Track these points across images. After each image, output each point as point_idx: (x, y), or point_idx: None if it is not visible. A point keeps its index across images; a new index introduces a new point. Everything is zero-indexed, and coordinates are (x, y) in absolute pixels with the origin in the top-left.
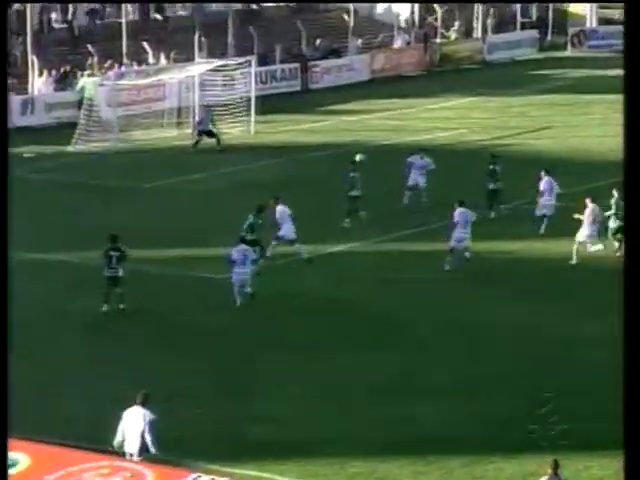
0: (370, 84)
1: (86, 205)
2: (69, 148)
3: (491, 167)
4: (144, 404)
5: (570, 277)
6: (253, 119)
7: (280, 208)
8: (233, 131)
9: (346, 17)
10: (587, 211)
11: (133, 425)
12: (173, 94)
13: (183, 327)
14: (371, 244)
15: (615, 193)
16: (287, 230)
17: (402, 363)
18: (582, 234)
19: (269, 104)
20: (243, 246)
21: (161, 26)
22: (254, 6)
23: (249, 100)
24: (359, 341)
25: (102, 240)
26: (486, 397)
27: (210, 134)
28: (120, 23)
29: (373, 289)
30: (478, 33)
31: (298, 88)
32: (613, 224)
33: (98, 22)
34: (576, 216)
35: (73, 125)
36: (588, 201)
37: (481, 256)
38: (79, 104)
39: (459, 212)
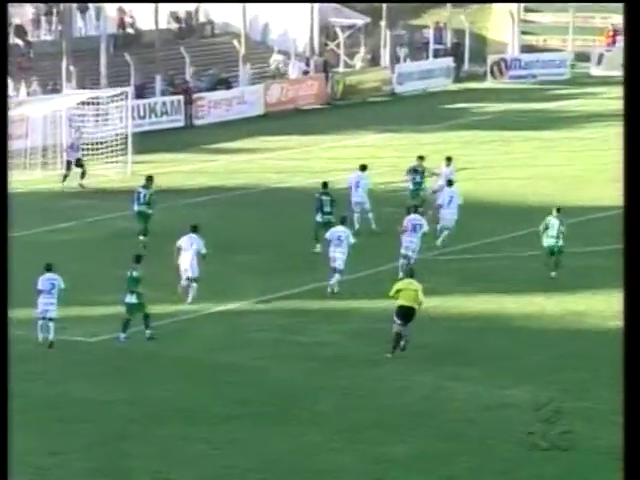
0: (264, 119)
1: None
2: None
3: (317, 196)
4: None
5: (493, 341)
6: (130, 159)
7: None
8: (107, 173)
9: (236, 43)
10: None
11: None
12: (37, 130)
13: (48, 400)
14: (268, 301)
15: (554, 213)
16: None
17: (295, 442)
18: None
19: (148, 142)
20: (49, 275)
21: (22, 52)
22: (130, 30)
23: (125, 137)
24: (245, 415)
25: None
26: None
27: (78, 162)
28: None
29: (267, 354)
30: (386, 61)
31: (181, 124)
32: (546, 243)
33: None
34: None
35: None
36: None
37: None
38: None
39: None
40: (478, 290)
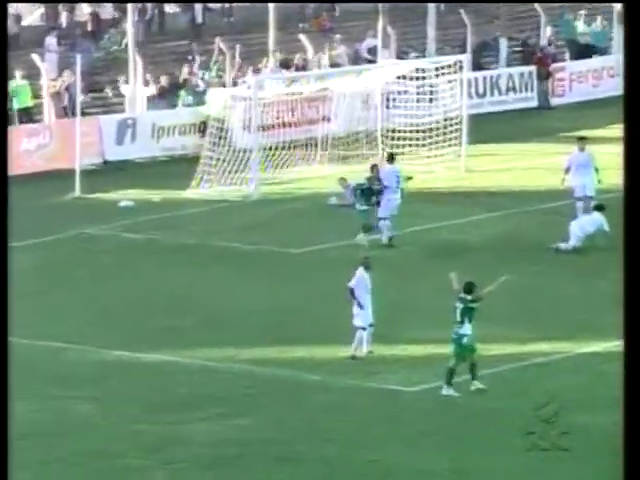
0: None
1: (208, 279)
2: (187, 194)
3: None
4: None
5: None
6: (464, 151)
7: None
8: (435, 168)
9: None
10: None
11: None
12: (343, 112)
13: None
14: None
15: None
16: None
17: None
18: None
19: (489, 128)
20: (365, 275)
21: (327, 9)
22: None
23: (459, 122)
24: None
25: (229, 332)
26: None
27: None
28: (265, 5)
29: None
30: None
31: (534, 103)
32: None
33: (230, 5)
34: None
35: (194, 159)
36: None
37: None
38: (202, 128)
39: None
40: None
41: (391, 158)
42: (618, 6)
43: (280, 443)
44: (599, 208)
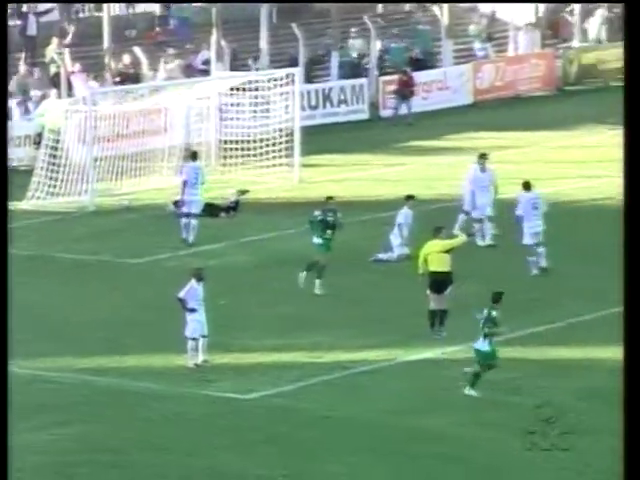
0: (471, 110)
1: (44, 290)
2: (22, 205)
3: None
4: None
5: None
6: (297, 162)
7: None
8: (267, 180)
9: (437, 10)
10: None
11: None
12: (178, 124)
13: (189, 475)
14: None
15: None
16: None
17: None
18: None
19: (321, 139)
20: (196, 286)
21: (160, 22)
22: None
23: (291, 134)
24: None
25: (66, 343)
26: None
27: (211, 210)
28: (99, 18)
29: (472, 418)
30: None
31: (365, 116)
32: None
33: (73, 17)
34: None
35: (29, 171)
36: None
37: None
38: (38, 140)
39: None
40: None
41: (193, 156)
42: (445, 21)
43: (114, 452)
44: (410, 197)
